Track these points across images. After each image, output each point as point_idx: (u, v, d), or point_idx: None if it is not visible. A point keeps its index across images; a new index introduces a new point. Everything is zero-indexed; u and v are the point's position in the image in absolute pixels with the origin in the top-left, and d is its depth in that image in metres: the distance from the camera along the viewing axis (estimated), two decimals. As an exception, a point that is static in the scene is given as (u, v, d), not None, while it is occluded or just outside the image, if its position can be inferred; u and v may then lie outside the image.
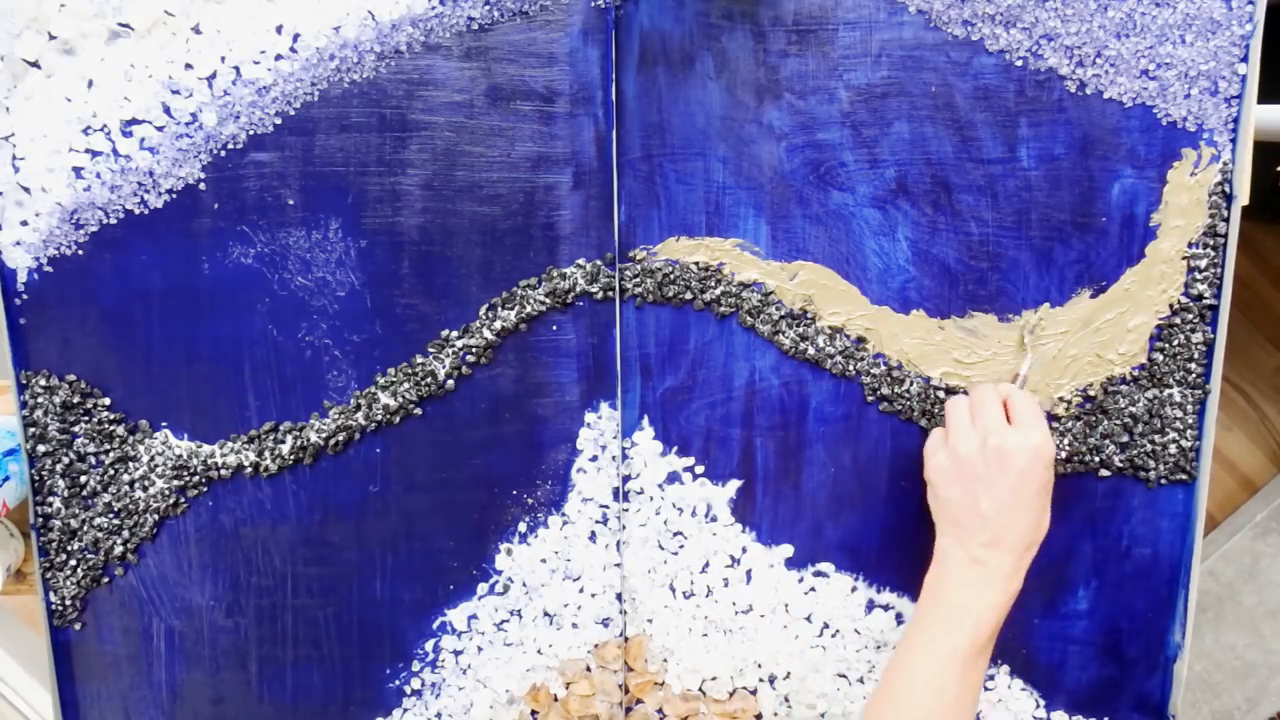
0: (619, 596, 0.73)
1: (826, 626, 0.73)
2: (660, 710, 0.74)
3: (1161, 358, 0.69)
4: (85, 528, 0.71)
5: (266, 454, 0.70)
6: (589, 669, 0.74)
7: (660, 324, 0.70)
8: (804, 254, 0.69)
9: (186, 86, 0.66)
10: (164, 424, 0.70)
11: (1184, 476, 0.71)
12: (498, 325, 0.69)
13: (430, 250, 0.69)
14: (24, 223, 0.67)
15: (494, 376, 0.70)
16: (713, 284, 0.69)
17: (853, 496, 0.72)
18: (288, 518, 0.72)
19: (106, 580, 0.72)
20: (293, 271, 0.69)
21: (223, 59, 0.66)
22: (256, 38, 0.65)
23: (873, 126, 0.67)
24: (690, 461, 0.72)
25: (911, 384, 0.70)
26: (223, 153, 0.67)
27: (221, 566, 0.72)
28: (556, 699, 0.74)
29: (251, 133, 0.67)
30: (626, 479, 0.72)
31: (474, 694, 0.74)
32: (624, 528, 0.72)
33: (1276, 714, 1.51)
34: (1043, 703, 0.74)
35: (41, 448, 0.70)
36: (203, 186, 0.67)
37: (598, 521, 0.72)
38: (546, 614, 0.73)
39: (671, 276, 0.69)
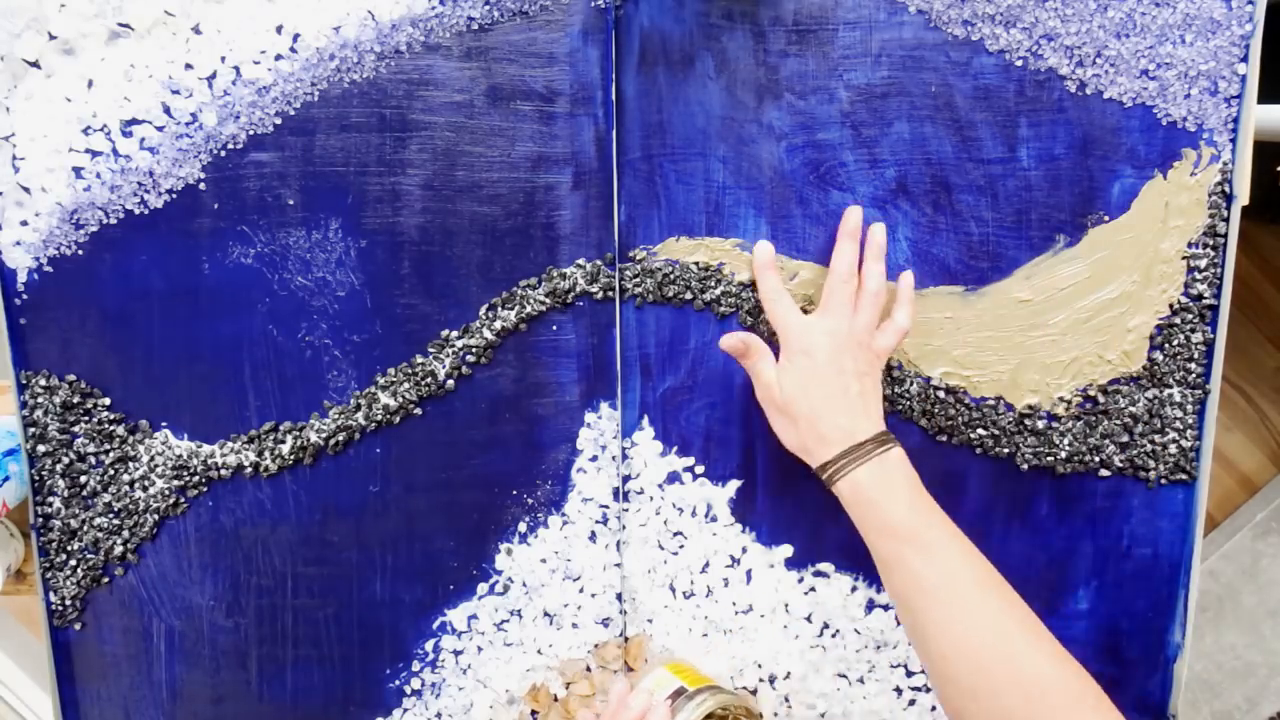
0: (619, 596, 0.73)
1: (826, 626, 0.73)
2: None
3: (1161, 357, 0.69)
4: (85, 528, 0.71)
5: (266, 454, 0.70)
6: (589, 669, 0.74)
7: (660, 324, 0.70)
8: (804, 254, 0.69)
9: (186, 86, 0.66)
10: (164, 424, 0.70)
11: (1184, 476, 0.71)
12: (498, 325, 0.69)
13: (430, 250, 0.69)
14: (24, 223, 0.67)
15: (494, 376, 0.70)
16: (713, 284, 0.69)
17: (853, 496, 0.72)
18: (288, 518, 0.72)
19: (106, 580, 0.72)
20: (293, 271, 0.69)
21: (223, 59, 0.66)
22: (256, 38, 0.65)
23: (873, 126, 0.67)
24: (690, 461, 0.72)
25: (911, 384, 0.70)
26: (223, 153, 0.67)
27: (221, 566, 0.72)
28: (556, 699, 0.74)
29: (251, 133, 0.67)
30: (626, 479, 0.72)
31: (474, 694, 0.74)
32: (624, 528, 0.72)
33: (1276, 714, 1.51)
34: (1043, 703, 0.74)
35: (41, 448, 0.70)
36: (203, 186, 0.67)
37: (598, 521, 0.72)
38: (546, 614, 0.73)
39: (671, 276, 0.69)
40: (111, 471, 0.70)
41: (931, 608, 0.58)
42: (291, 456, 0.70)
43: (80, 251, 0.68)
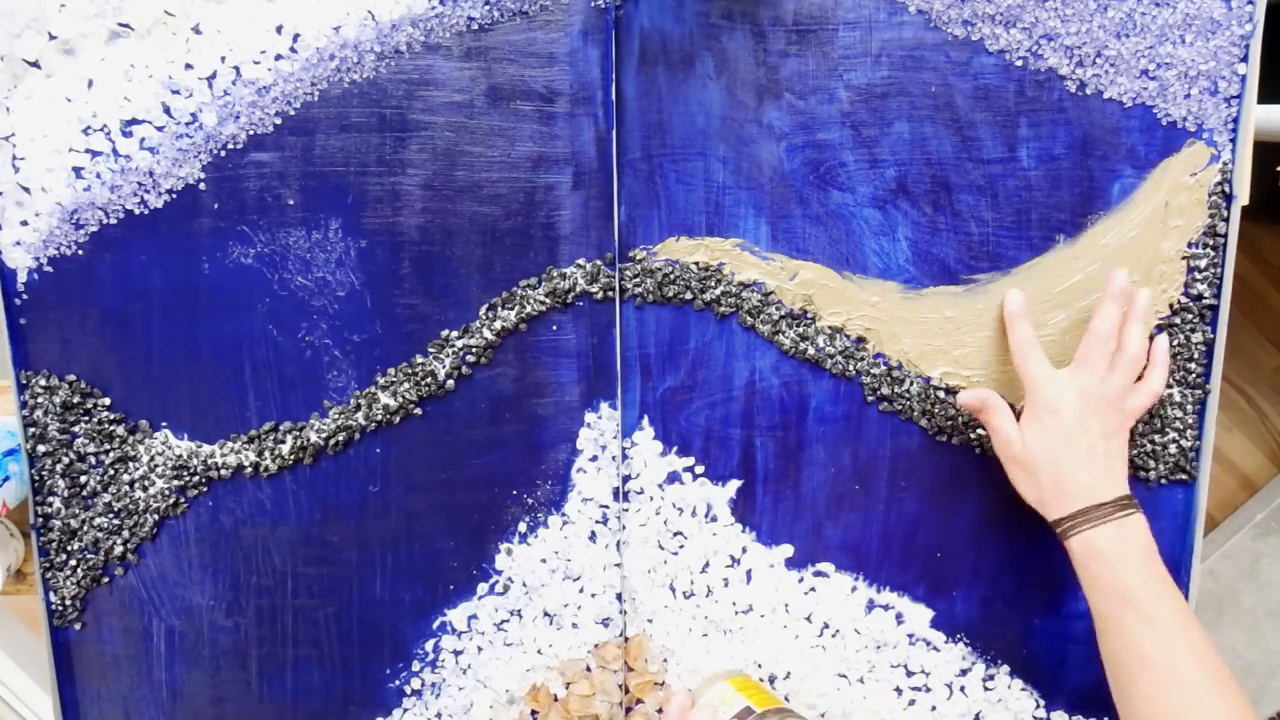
0: (619, 596, 0.73)
1: (826, 626, 0.73)
2: (660, 710, 0.74)
3: (1161, 358, 0.69)
4: (85, 528, 0.71)
5: (266, 454, 0.70)
6: (589, 669, 0.74)
7: (660, 324, 0.70)
8: (804, 254, 0.69)
9: (186, 86, 0.66)
10: (164, 424, 0.70)
11: (1184, 476, 0.71)
12: (498, 325, 0.69)
13: (430, 250, 0.69)
14: (24, 223, 0.67)
15: (494, 376, 0.70)
16: (713, 284, 0.69)
17: (853, 496, 0.72)
18: (288, 518, 0.72)
19: (106, 580, 0.72)
20: (293, 271, 0.69)
21: (223, 59, 0.66)
22: (256, 38, 0.65)
23: (873, 126, 0.67)
24: (690, 461, 0.72)
25: (911, 384, 0.70)
26: (223, 153, 0.67)
27: (221, 566, 0.72)
28: (556, 699, 0.74)
29: (251, 133, 0.67)
30: (626, 479, 0.72)
31: (474, 694, 0.74)
32: (624, 528, 0.72)
33: (1276, 714, 1.51)
34: (1043, 703, 0.74)
35: (41, 448, 0.70)
36: (203, 186, 0.67)
37: (598, 521, 0.72)
38: (546, 614, 0.73)
39: (671, 276, 0.69)
40: (111, 471, 0.70)
41: (1145, 678, 0.58)
42: (291, 456, 0.70)
43: (80, 251, 0.68)
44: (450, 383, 0.70)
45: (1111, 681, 0.61)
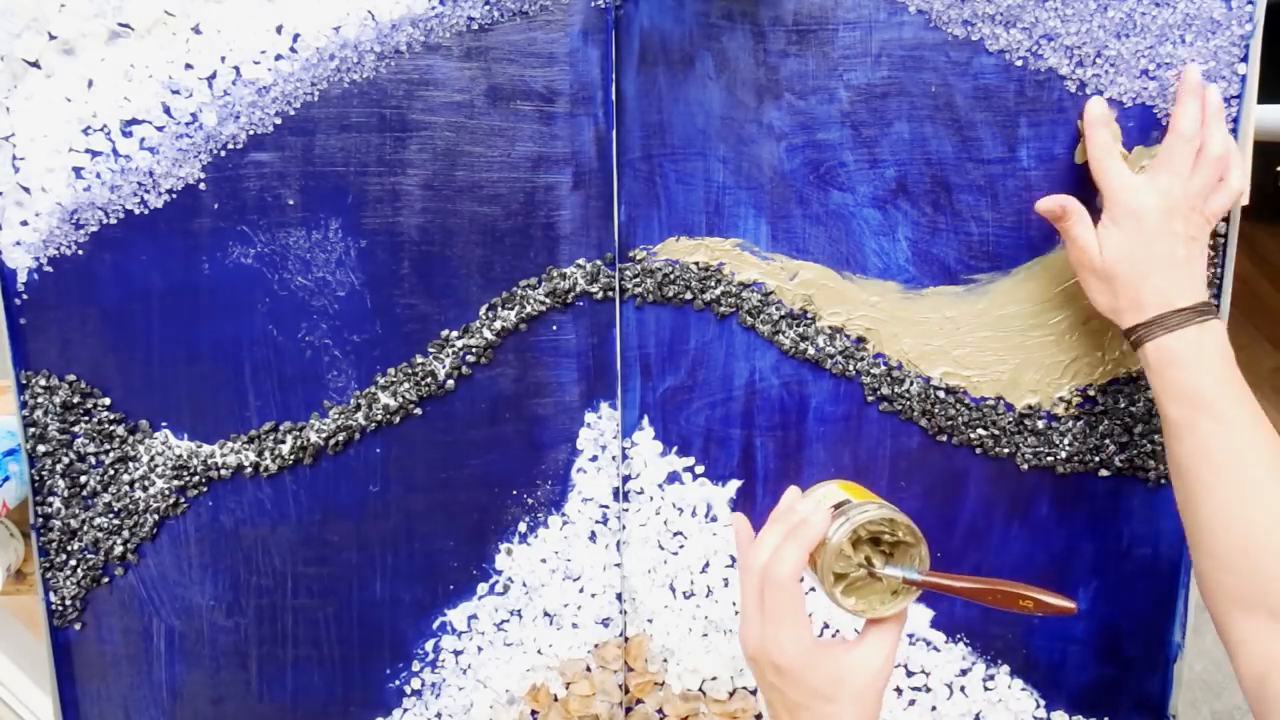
0: (619, 596, 0.73)
1: (826, 626, 0.73)
2: (660, 710, 0.74)
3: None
4: (85, 528, 0.71)
5: (266, 454, 0.70)
6: (589, 669, 0.74)
7: (660, 324, 0.70)
8: (804, 254, 0.69)
9: (186, 86, 0.66)
10: (164, 424, 0.70)
11: (1184, 476, 0.71)
12: (498, 325, 0.69)
13: (430, 250, 0.69)
14: (24, 223, 0.67)
15: (494, 376, 0.70)
16: (713, 284, 0.69)
17: (853, 496, 0.72)
18: (288, 518, 0.72)
19: (106, 580, 0.72)
20: (293, 271, 0.69)
21: (223, 59, 0.66)
22: (256, 38, 0.65)
23: (873, 126, 0.67)
24: (690, 461, 0.72)
25: (911, 384, 0.70)
26: (223, 153, 0.67)
27: (221, 566, 0.72)
28: (556, 699, 0.74)
29: (251, 133, 0.67)
30: (626, 479, 0.72)
31: (474, 694, 0.74)
32: (624, 528, 0.72)
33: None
34: (1043, 703, 0.74)
35: (41, 448, 0.70)
36: (203, 186, 0.67)
37: (598, 521, 0.72)
38: (546, 614, 0.73)
39: (671, 276, 0.69)
40: (111, 471, 0.70)
41: (1214, 481, 0.57)
42: (291, 456, 0.70)
43: (80, 251, 0.68)
44: (450, 383, 0.70)
45: (1180, 491, 0.60)
